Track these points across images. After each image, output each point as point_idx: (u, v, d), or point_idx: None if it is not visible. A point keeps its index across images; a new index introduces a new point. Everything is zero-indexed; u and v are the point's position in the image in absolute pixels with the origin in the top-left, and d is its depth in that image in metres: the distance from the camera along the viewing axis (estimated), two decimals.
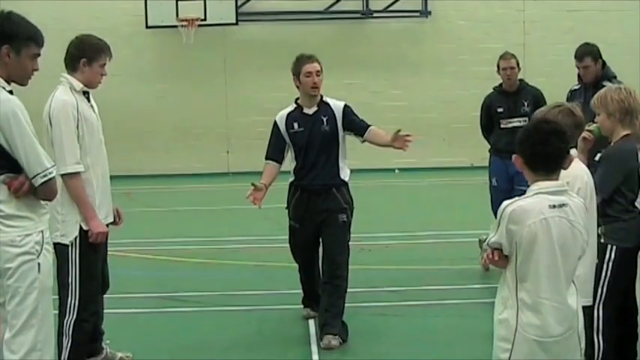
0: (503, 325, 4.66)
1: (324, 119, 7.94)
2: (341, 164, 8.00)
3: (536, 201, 4.57)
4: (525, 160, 4.65)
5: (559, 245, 4.58)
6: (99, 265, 6.77)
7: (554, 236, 4.56)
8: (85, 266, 6.53)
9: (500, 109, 10.45)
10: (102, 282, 6.92)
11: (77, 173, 6.43)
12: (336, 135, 7.95)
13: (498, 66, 10.57)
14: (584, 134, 5.83)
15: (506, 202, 4.64)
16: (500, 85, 10.65)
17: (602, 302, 6.05)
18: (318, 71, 7.91)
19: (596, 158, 6.06)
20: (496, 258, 4.64)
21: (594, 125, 6.09)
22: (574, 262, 4.71)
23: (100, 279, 6.80)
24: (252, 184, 7.95)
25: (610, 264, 6.02)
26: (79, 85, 6.55)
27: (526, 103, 10.11)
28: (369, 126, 7.99)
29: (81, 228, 6.50)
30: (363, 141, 8.07)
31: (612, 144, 6.07)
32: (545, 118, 4.99)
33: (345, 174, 8.01)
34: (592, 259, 5.66)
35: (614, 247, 6.00)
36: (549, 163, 4.64)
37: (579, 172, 5.40)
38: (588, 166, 5.75)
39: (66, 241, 6.49)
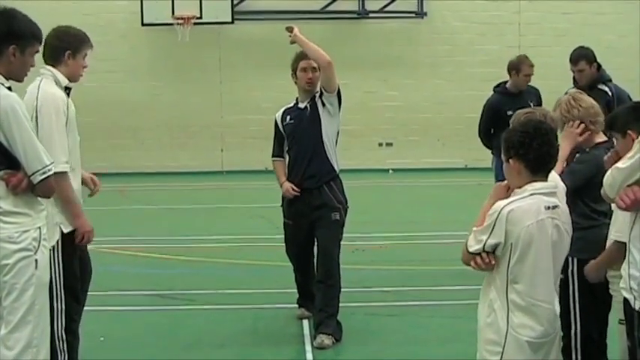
0: (491, 328, 4.61)
1: (310, 110, 7.99)
2: (329, 154, 8.00)
3: (532, 202, 4.53)
4: (527, 163, 4.59)
5: (552, 247, 4.57)
6: (78, 267, 6.32)
7: (549, 238, 4.56)
8: (68, 269, 6.14)
9: (510, 112, 10.40)
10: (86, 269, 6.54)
11: (65, 172, 5.99)
12: (318, 122, 7.96)
13: (517, 69, 10.39)
14: None
15: (501, 203, 4.56)
16: (500, 85, 10.58)
17: (578, 321, 5.76)
18: (313, 67, 7.96)
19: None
20: (493, 262, 4.57)
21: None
22: (561, 264, 4.72)
23: (79, 281, 6.34)
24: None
25: (575, 278, 5.68)
26: (64, 81, 6.14)
27: (532, 104, 10.08)
28: None
29: (61, 230, 6.08)
30: (322, 90, 7.97)
31: (587, 150, 5.79)
32: (539, 119, 4.92)
33: (334, 162, 8.04)
34: None
35: (575, 259, 5.61)
36: (552, 163, 4.64)
37: (555, 175, 5.16)
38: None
39: (48, 245, 5.87)
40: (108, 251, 11.09)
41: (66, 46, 6.13)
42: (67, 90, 6.16)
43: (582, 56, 9.42)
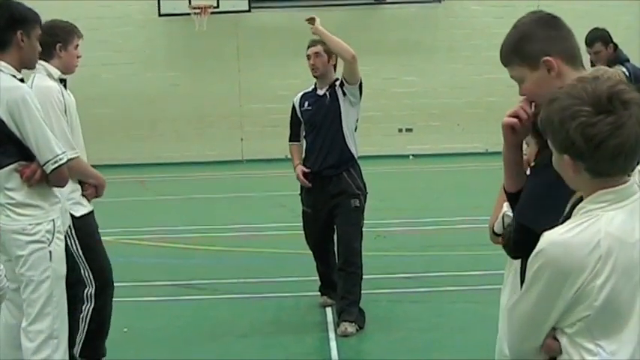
0: None
1: (330, 98, 7.99)
2: (349, 143, 7.99)
3: None
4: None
5: None
6: (101, 247, 6.37)
7: None
8: (89, 252, 6.17)
9: None
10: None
11: (76, 157, 5.84)
12: (338, 112, 7.95)
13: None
14: None
15: None
16: None
17: None
18: (316, 53, 7.97)
19: None
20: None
21: None
22: None
23: (106, 258, 6.39)
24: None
25: None
26: (56, 73, 6.10)
27: None
28: None
29: (72, 216, 6.04)
30: (343, 81, 7.94)
31: None
32: None
33: (353, 150, 8.02)
34: None
35: None
36: None
37: None
38: None
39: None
40: (129, 242, 11.10)
41: (56, 40, 6.12)
42: (62, 81, 6.16)
43: (597, 38, 9.34)
